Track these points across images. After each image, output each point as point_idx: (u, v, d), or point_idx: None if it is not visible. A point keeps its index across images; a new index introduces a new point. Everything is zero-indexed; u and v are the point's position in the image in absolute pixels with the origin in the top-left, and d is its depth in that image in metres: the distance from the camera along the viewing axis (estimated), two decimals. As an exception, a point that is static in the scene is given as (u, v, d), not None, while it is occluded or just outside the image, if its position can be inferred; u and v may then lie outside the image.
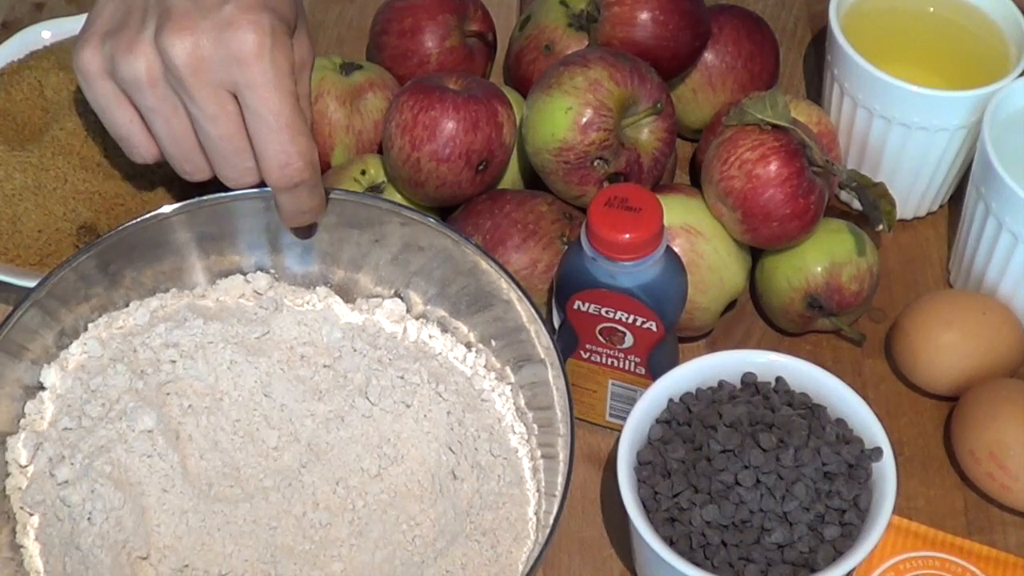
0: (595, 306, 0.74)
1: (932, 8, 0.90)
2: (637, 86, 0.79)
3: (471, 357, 0.78)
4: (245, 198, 0.76)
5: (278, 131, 0.71)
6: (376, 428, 0.74)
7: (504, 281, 0.75)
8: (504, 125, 0.81)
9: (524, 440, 0.76)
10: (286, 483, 0.73)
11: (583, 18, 0.87)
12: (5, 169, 0.82)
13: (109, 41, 0.73)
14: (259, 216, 0.78)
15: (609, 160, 0.79)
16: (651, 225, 0.71)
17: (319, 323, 0.78)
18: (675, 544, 0.69)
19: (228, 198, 0.77)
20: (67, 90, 0.85)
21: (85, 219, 0.82)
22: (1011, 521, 0.79)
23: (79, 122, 0.83)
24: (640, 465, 0.72)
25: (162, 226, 0.77)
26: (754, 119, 0.79)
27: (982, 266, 0.83)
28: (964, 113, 0.83)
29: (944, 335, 0.80)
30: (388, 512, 0.72)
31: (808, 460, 0.69)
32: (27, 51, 0.91)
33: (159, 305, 0.79)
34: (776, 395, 0.73)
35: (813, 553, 0.68)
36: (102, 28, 0.74)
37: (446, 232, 0.77)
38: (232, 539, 0.71)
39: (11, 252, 0.82)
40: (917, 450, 0.81)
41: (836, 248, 0.82)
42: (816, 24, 1.03)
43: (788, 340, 0.86)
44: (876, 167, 0.88)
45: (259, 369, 0.75)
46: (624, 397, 0.79)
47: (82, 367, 0.76)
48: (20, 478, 0.73)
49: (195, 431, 0.74)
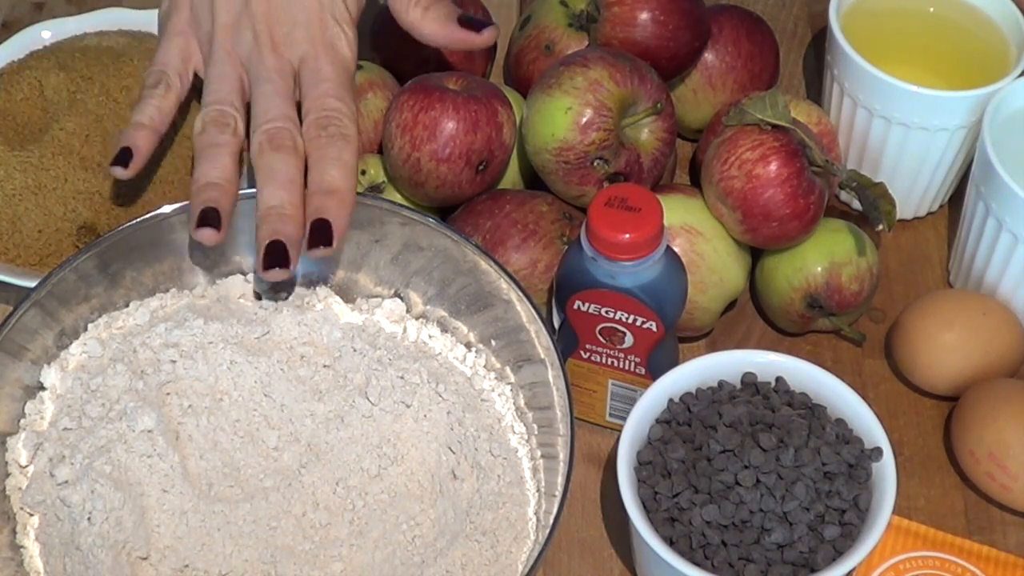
0: (595, 306, 0.74)
1: (932, 8, 0.90)
2: (637, 86, 0.79)
3: (471, 357, 0.78)
4: (245, 198, 0.76)
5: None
6: (376, 428, 0.74)
7: (504, 281, 0.75)
8: (504, 125, 0.81)
9: (524, 440, 0.76)
10: (286, 483, 0.73)
11: (583, 18, 0.87)
12: (5, 169, 0.82)
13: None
14: (259, 216, 0.78)
15: (609, 160, 0.79)
16: (651, 225, 0.71)
17: (319, 323, 0.78)
18: (675, 544, 0.69)
19: (228, 198, 0.77)
20: (67, 90, 0.85)
21: (85, 219, 0.82)
22: (1011, 521, 0.78)
23: (79, 122, 0.83)
24: (640, 465, 0.72)
25: (162, 226, 0.77)
26: (754, 119, 0.79)
27: (982, 266, 0.83)
28: (964, 113, 0.83)
29: (944, 335, 0.80)
30: (388, 512, 0.72)
31: (808, 460, 0.69)
32: (27, 51, 0.91)
33: (159, 305, 0.79)
34: (776, 395, 0.73)
35: (813, 553, 0.68)
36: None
37: (446, 232, 0.77)
38: (232, 539, 0.71)
39: (11, 252, 0.82)
40: (917, 450, 0.81)
41: (836, 248, 0.82)
42: (816, 24, 1.03)
43: (788, 340, 0.86)
44: (876, 167, 0.88)
45: (259, 369, 0.75)
46: (624, 397, 0.79)
47: (82, 367, 0.76)
48: (20, 478, 0.73)
49: (195, 431, 0.74)
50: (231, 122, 0.77)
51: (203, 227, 0.73)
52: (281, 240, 0.73)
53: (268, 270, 0.72)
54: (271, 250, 0.72)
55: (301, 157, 0.76)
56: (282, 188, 0.74)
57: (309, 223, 0.73)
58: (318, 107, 0.77)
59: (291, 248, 0.73)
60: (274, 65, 0.78)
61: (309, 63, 0.78)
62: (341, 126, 0.76)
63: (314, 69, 0.78)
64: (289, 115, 0.77)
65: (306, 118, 0.77)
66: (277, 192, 0.74)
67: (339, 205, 0.74)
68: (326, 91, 0.77)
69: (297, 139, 0.76)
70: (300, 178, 0.75)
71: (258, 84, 0.78)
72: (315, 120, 0.76)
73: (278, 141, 0.75)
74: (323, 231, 0.73)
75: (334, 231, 0.73)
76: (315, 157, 0.75)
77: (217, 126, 0.76)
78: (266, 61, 0.78)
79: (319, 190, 0.74)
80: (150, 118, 0.78)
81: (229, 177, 0.75)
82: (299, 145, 0.76)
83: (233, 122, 0.77)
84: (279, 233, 0.73)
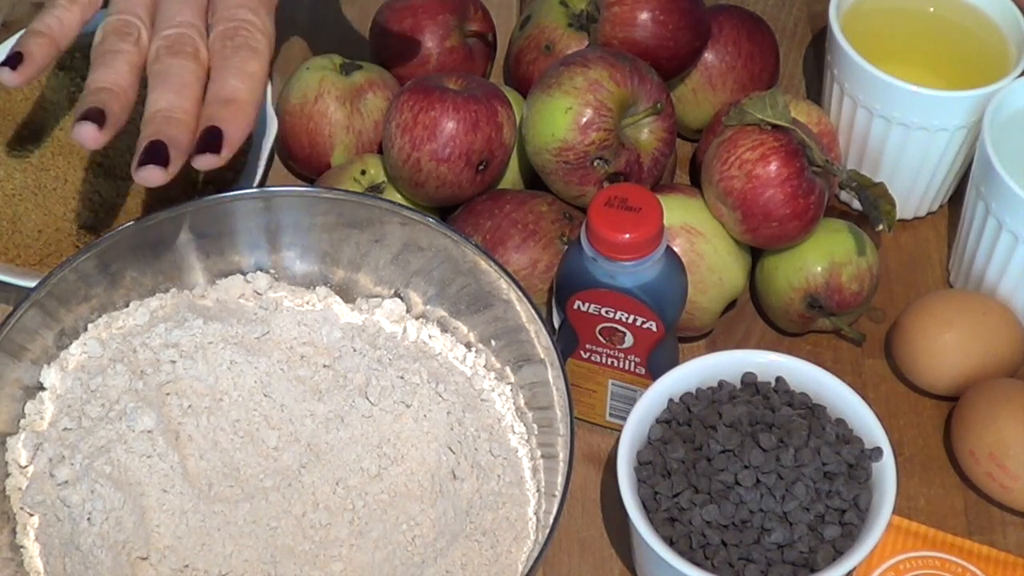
0: (595, 306, 0.74)
1: (932, 8, 0.90)
2: (637, 86, 0.80)
3: (471, 357, 0.78)
4: (245, 198, 0.76)
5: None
6: (376, 428, 0.74)
7: (504, 281, 0.75)
8: (504, 125, 0.82)
9: (524, 440, 0.76)
10: (286, 483, 0.73)
11: (583, 18, 0.87)
12: (5, 169, 0.82)
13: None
14: (259, 216, 0.78)
15: (609, 160, 0.79)
16: (651, 225, 0.71)
17: (319, 323, 0.78)
18: (675, 544, 0.69)
19: (228, 198, 0.77)
20: (67, 90, 0.85)
21: (85, 219, 0.82)
22: (1011, 521, 0.78)
23: (79, 122, 0.83)
24: (640, 465, 0.72)
25: (162, 226, 0.77)
26: (754, 119, 0.79)
27: (982, 266, 0.83)
28: (964, 113, 0.83)
29: (944, 335, 0.80)
30: (388, 512, 0.72)
31: (808, 460, 0.69)
32: (27, 51, 0.91)
33: (159, 305, 0.79)
34: (776, 395, 0.73)
35: (813, 553, 0.68)
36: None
37: (446, 232, 0.77)
38: (232, 539, 0.71)
39: (11, 252, 0.82)
40: (917, 450, 0.81)
41: (836, 248, 0.82)
42: (816, 24, 1.03)
43: (788, 340, 0.86)
44: (876, 167, 0.88)
45: (259, 369, 0.75)
46: (624, 397, 0.79)
47: (82, 367, 0.76)
48: (20, 478, 0.73)
49: (195, 431, 0.74)
50: (133, 32, 0.73)
51: (84, 121, 0.68)
52: (162, 140, 0.68)
53: (142, 167, 0.68)
54: (150, 148, 0.68)
55: (202, 66, 0.72)
56: (173, 91, 0.70)
57: (200, 131, 0.69)
58: (227, 18, 0.73)
59: (173, 149, 0.68)
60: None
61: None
62: (249, 37, 0.73)
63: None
64: (194, 23, 0.73)
65: (213, 30, 0.73)
66: (167, 95, 0.70)
67: (235, 115, 0.70)
68: (237, 2, 0.74)
69: (200, 47, 0.72)
70: (197, 86, 0.71)
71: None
72: (222, 31, 0.73)
73: (178, 47, 0.72)
74: (212, 138, 0.68)
75: (224, 139, 0.69)
76: (217, 68, 0.72)
77: (118, 34, 0.72)
78: None
79: (215, 99, 0.70)
80: (48, 26, 0.74)
81: (123, 84, 0.71)
82: (201, 54, 0.72)
83: (136, 32, 0.73)
84: (161, 134, 0.68)
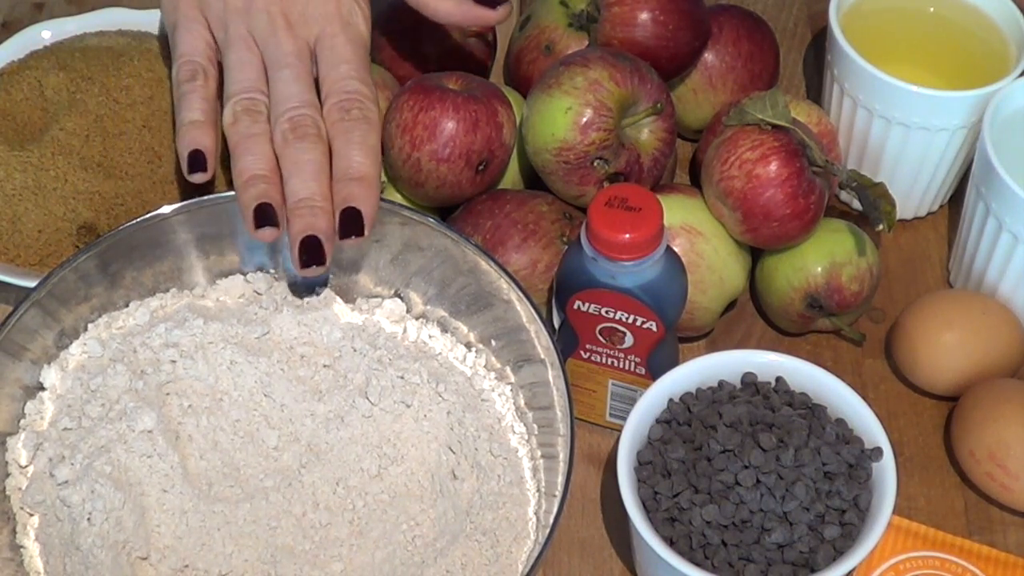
0: (595, 306, 0.74)
1: (932, 8, 0.90)
2: (637, 86, 0.79)
3: (471, 357, 0.78)
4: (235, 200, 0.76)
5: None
6: (376, 428, 0.74)
7: (504, 281, 0.75)
8: (504, 125, 0.81)
9: (524, 440, 0.76)
10: (286, 483, 0.73)
11: (583, 18, 0.87)
12: (5, 169, 0.82)
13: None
14: (259, 216, 0.78)
15: (609, 160, 0.79)
16: (651, 225, 0.71)
17: (319, 323, 0.78)
18: (675, 544, 0.69)
19: (228, 198, 0.77)
20: (67, 90, 0.85)
21: (85, 219, 0.82)
22: (1011, 521, 0.78)
23: (79, 122, 0.83)
24: (640, 465, 0.72)
25: (162, 226, 0.77)
26: (754, 119, 0.79)
27: (982, 266, 0.83)
28: (964, 113, 0.83)
29: (944, 335, 0.80)
30: (388, 512, 0.72)
31: (808, 460, 0.69)
32: (27, 51, 0.90)
33: (159, 305, 0.79)
34: (776, 395, 0.73)
35: (813, 553, 0.68)
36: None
37: (446, 232, 0.77)
38: (232, 539, 0.71)
39: (11, 252, 0.82)
40: (917, 450, 0.81)
41: (836, 248, 0.82)
42: (816, 24, 1.03)
43: (788, 340, 0.86)
44: (876, 167, 0.88)
45: (259, 369, 0.75)
46: (624, 397, 0.79)
47: (82, 367, 0.76)
48: (20, 478, 0.73)
49: (195, 431, 0.74)
50: (262, 109, 0.75)
51: (263, 227, 0.72)
52: (315, 235, 0.71)
53: (305, 268, 0.71)
54: (307, 247, 0.71)
55: (325, 143, 0.74)
56: (312, 179, 0.72)
57: (338, 212, 0.72)
58: (339, 90, 0.75)
59: (326, 243, 0.72)
60: (291, 48, 0.76)
61: (326, 41, 0.77)
62: (364, 108, 0.75)
63: (331, 48, 0.77)
64: (310, 100, 0.75)
65: (327, 101, 0.75)
66: (307, 183, 0.72)
67: (367, 192, 0.73)
68: (346, 72, 0.76)
69: (320, 125, 0.74)
70: (327, 166, 0.74)
71: (276, 69, 0.76)
72: (337, 104, 0.75)
73: (302, 129, 0.74)
74: (354, 219, 0.72)
75: (364, 218, 0.72)
76: (339, 142, 0.74)
77: (250, 115, 0.75)
78: (283, 45, 0.76)
79: (346, 176, 0.73)
80: (203, 111, 0.76)
81: (274, 167, 0.74)
82: (322, 131, 0.74)
83: (264, 109, 0.75)
84: (312, 228, 0.71)
